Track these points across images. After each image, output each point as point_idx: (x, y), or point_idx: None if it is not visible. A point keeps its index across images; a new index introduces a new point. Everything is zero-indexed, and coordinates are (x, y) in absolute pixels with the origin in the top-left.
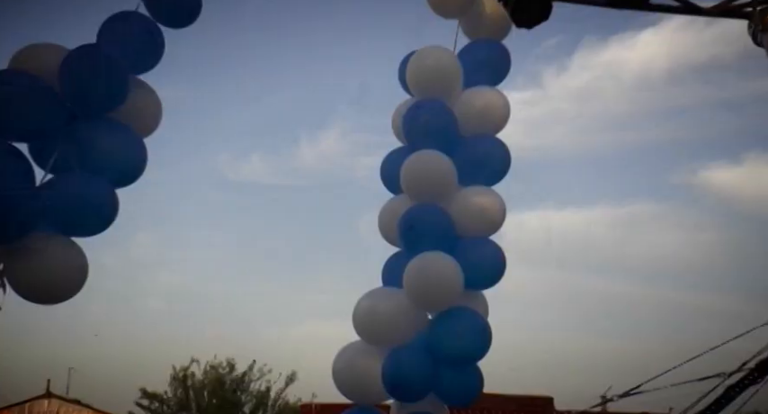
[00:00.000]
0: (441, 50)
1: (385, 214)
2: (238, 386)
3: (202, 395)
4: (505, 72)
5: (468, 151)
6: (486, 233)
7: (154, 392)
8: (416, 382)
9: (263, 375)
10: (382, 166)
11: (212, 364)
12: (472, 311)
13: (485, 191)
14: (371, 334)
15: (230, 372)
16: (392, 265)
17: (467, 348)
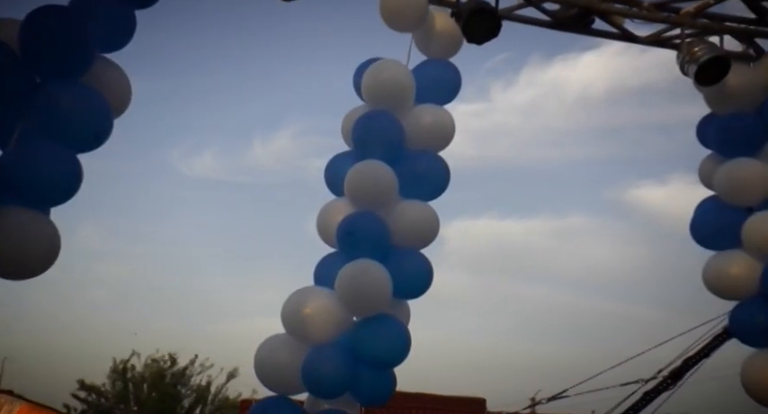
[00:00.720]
0: (397, 65)
1: (324, 215)
2: (179, 380)
3: (142, 388)
4: (456, 92)
5: (412, 165)
6: (419, 246)
7: (92, 384)
8: (335, 380)
9: (204, 370)
10: (327, 168)
11: (154, 358)
12: (396, 320)
13: (422, 206)
14: (297, 330)
15: (172, 366)
16: (325, 266)
17: (387, 355)
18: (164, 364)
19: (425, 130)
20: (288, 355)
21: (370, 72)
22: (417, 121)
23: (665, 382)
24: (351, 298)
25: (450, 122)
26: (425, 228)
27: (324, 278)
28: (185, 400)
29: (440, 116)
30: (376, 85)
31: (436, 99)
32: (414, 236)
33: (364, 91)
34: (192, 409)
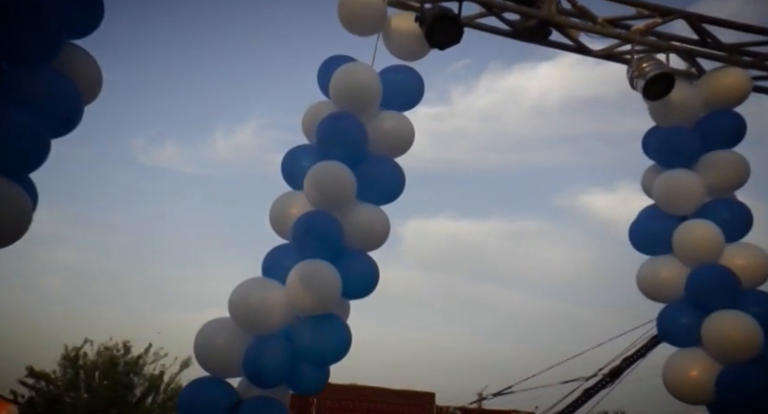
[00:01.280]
0: (367, 70)
1: (278, 206)
2: (132, 369)
3: (93, 376)
4: (418, 99)
5: (371, 170)
6: (369, 248)
7: (41, 371)
8: (275, 371)
9: (157, 359)
10: (284, 159)
11: (107, 346)
12: (340, 320)
13: (377, 210)
14: (243, 318)
15: (125, 354)
16: (275, 257)
17: (327, 354)
18: (117, 352)
19: (386, 136)
20: (228, 340)
21: (340, 73)
22: (380, 127)
23: (605, 380)
24: (301, 296)
25: (411, 130)
26: (377, 232)
27: (273, 269)
28: (137, 389)
29: (401, 123)
30: (345, 88)
31: (399, 105)
32: (365, 239)
33: (332, 91)
34: (143, 398)
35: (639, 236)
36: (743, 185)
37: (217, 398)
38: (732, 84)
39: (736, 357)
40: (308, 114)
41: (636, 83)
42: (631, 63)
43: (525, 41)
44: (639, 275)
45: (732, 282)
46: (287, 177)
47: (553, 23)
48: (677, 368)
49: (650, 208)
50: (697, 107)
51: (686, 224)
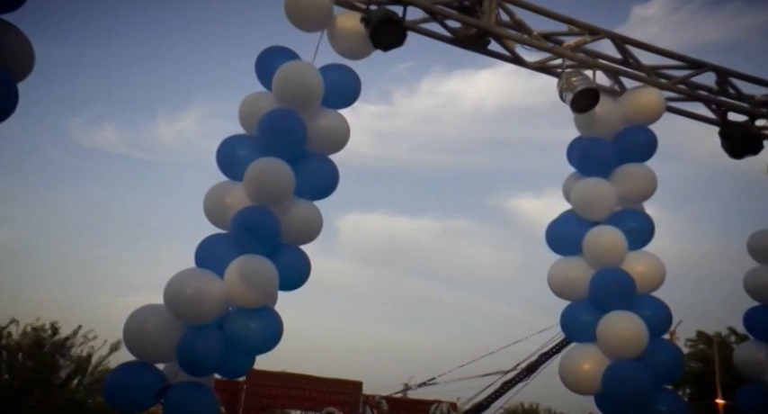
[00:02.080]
0: (311, 69)
1: (214, 196)
2: (58, 350)
3: (16, 357)
4: (354, 99)
5: (308, 167)
6: (303, 243)
7: None
8: (210, 362)
9: (87, 341)
10: (220, 149)
11: (33, 327)
12: (274, 313)
13: (312, 206)
14: (178, 309)
15: (53, 335)
16: (209, 247)
17: (261, 344)
18: (44, 333)
19: (324, 134)
20: (160, 327)
21: (285, 71)
22: (319, 125)
23: (522, 373)
24: (242, 291)
25: (347, 129)
26: (312, 227)
27: (207, 259)
28: (63, 371)
29: (339, 122)
30: (289, 86)
31: (336, 103)
32: (300, 234)
33: (276, 88)
34: (69, 380)
35: (554, 237)
36: (650, 197)
37: (144, 382)
38: (648, 103)
39: (623, 354)
40: (245, 104)
41: (565, 95)
42: (561, 77)
43: (465, 49)
44: (550, 274)
45: (628, 286)
46: (222, 166)
47: (492, 34)
48: (571, 361)
49: (568, 212)
50: (617, 122)
51: (595, 229)
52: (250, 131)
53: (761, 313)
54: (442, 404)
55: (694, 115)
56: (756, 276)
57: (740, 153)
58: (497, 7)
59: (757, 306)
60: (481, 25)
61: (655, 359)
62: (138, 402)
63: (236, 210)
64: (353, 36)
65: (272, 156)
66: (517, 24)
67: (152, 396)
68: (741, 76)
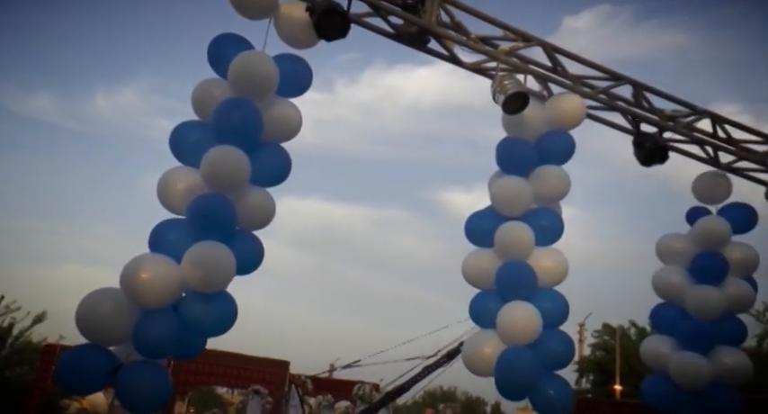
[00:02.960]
0: (266, 59)
1: (168, 181)
2: None
3: None
4: (306, 88)
5: (263, 155)
6: (256, 229)
7: None
8: (167, 346)
9: (9, 312)
10: (173, 134)
11: None
12: (230, 296)
13: (266, 193)
14: (134, 293)
15: None
16: (164, 232)
17: (218, 327)
18: None
19: (278, 123)
20: (114, 311)
21: (241, 61)
22: (273, 114)
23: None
24: (200, 277)
25: (300, 118)
26: (265, 214)
27: (161, 244)
28: None
29: (292, 111)
30: (246, 75)
31: (288, 93)
32: (254, 220)
33: (233, 77)
34: None
35: (471, 229)
36: (564, 197)
37: (96, 364)
38: (571, 109)
39: (517, 341)
40: (199, 91)
41: (497, 97)
42: (495, 79)
43: (406, 45)
44: (464, 264)
45: (529, 279)
46: (175, 151)
47: (432, 33)
48: (474, 345)
49: (488, 207)
50: (541, 125)
51: (505, 225)
52: (203, 118)
53: (665, 310)
54: (365, 385)
55: (612, 124)
56: (663, 276)
57: (649, 161)
58: (439, 8)
59: (662, 303)
60: (422, 24)
61: (548, 347)
62: (91, 384)
63: (190, 196)
64: (299, 25)
65: (229, 144)
66: (456, 26)
67: (104, 377)
68: (654, 90)
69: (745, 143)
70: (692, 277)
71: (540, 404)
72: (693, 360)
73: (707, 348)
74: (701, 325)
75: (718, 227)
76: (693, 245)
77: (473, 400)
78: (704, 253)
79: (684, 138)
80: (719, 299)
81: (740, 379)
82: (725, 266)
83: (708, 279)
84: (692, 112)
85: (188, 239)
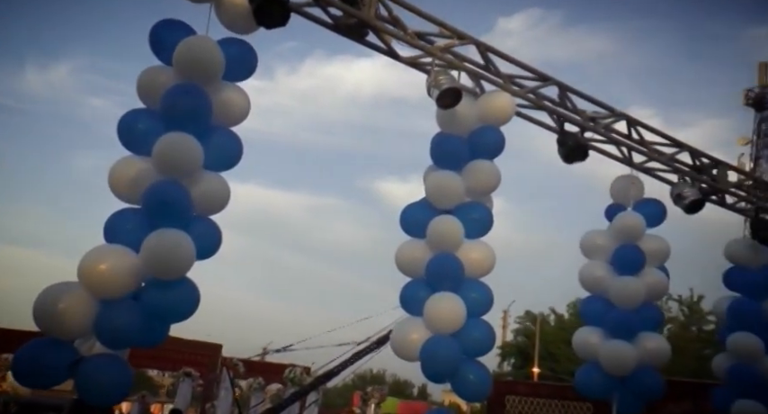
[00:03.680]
0: (212, 44)
1: (120, 170)
2: None
3: None
4: (251, 72)
5: (213, 139)
6: (212, 213)
7: None
8: (132, 336)
9: None
10: (121, 123)
11: None
12: (191, 282)
13: (220, 178)
14: (93, 285)
15: None
16: (121, 222)
17: (182, 313)
18: None
19: (226, 107)
20: (73, 304)
21: (186, 46)
22: (221, 98)
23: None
24: (160, 264)
25: (248, 102)
26: (221, 198)
27: (118, 234)
28: None
29: (240, 95)
30: (191, 60)
31: (233, 77)
32: (210, 205)
33: (177, 62)
34: None
35: (406, 220)
36: (494, 191)
37: (57, 358)
38: (501, 106)
39: (441, 330)
40: (144, 79)
41: (432, 92)
42: (430, 74)
43: (344, 36)
44: (397, 253)
45: (457, 271)
46: (124, 140)
47: (370, 26)
48: (402, 331)
49: (423, 199)
50: (473, 121)
51: (437, 218)
52: (150, 105)
53: (592, 303)
54: (296, 368)
55: (539, 122)
56: (588, 271)
57: (571, 159)
58: (378, 2)
59: (590, 296)
60: (361, 16)
61: (471, 335)
62: (50, 378)
63: (143, 184)
64: (239, 11)
65: (179, 130)
66: (394, 20)
67: (64, 371)
68: (577, 92)
69: (655, 145)
70: (614, 269)
71: (460, 388)
72: (620, 347)
73: (631, 335)
74: (624, 314)
75: (634, 222)
76: (613, 239)
77: (401, 382)
78: (623, 246)
79: (603, 138)
80: (639, 288)
81: (661, 361)
82: (642, 258)
83: (628, 270)
84: (611, 114)
85: (145, 228)
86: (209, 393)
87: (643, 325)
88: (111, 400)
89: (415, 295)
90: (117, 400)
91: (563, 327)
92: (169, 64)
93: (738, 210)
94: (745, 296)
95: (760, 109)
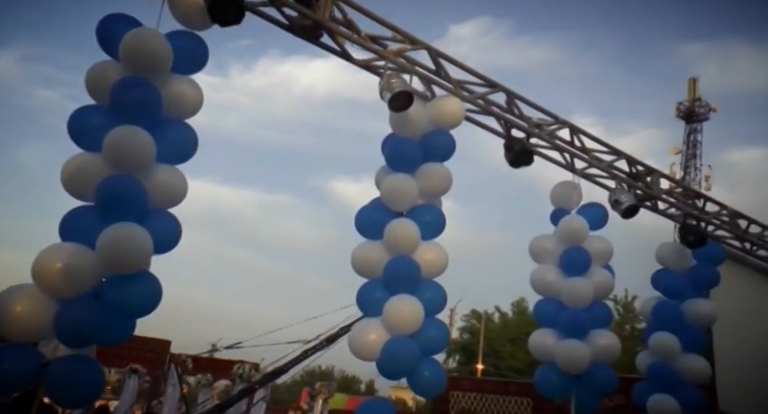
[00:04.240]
0: (157, 35)
1: (73, 168)
2: None
3: None
4: (202, 65)
5: (166, 132)
6: (170, 206)
7: None
8: (92, 333)
9: None
10: (72, 120)
11: None
12: (151, 274)
13: (175, 170)
14: (50, 284)
15: None
16: (75, 220)
17: (144, 307)
18: None
19: (178, 99)
20: (31, 306)
21: (131, 38)
22: (171, 90)
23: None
24: (116, 259)
25: (200, 94)
26: (177, 191)
27: (73, 232)
28: None
29: (191, 87)
30: (137, 52)
31: (184, 70)
32: (166, 198)
33: (124, 55)
34: None
35: (361, 222)
36: (446, 193)
37: (22, 363)
38: (451, 111)
39: (401, 332)
40: (92, 74)
41: (384, 94)
42: (383, 77)
43: (299, 37)
44: (354, 254)
45: (415, 274)
46: (75, 138)
47: (324, 27)
48: (360, 332)
49: (376, 200)
50: (424, 124)
51: (395, 221)
52: (100, 101)
53: (544, 305)
54: (245, 364)
55: (487, 127)
56: (538, 275)
57: (517, 163)
58: (332, 4)
59: (542, 299)
60: (315, 18)
61: (427, 334)
62: (16, 383)
63: (97, 181)
64: (192, 7)
65: (129, 124)
66: (348, 23)
67: (29, 375)
68: (524, 100)
69: (595, 152)
70: (563, 272)
71: (416, 385)
72: (575, 346)
73: (583, 334)
74: (576, 313)
75: (577, 225)
76: (559, 243)
77: (349, 378)
78: (569, 249)
79: (547, 144)
80: (588, 287)
81: (612, 357)
82: (588, 259)
83: (575, 271)
84: (555, 121)
85: (100, 224)
86: (156, 390)
87: (594, 323)
88: (83, 402)
89: (372, 296)
90: (90, 400)
91: (507, 325)
92: (118, 59)
93: (669, 215)
94: (667, 297)
95: (689, 121)
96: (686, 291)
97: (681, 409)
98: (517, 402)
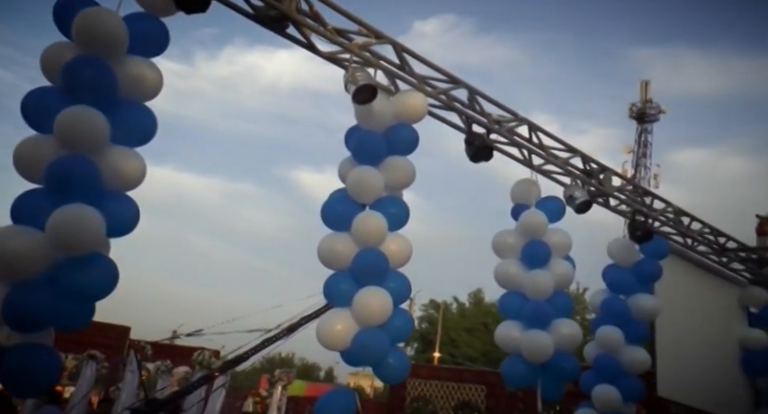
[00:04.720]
0: (112, 15)
1: (25, 150)
2: None
3: None
4: (162, 49)
5: (123, 114)
6: (128, 189)
7: None
8: (41, 317)
9: None
10: (25, 102)
11: None
12: (106, 257)
13: (132, 152)
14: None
15: None
16: (27, 202)
17: (98, 289)
18: None
19: (136, 81)
20: None
21: (84, 17)
22: (129, 72)
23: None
24: (66, 239)
25: (160, 77)
26: (134, 173)
27: (24, 215)
28: None
29: (150, 70)
30: (89, 31)
31: (144, 52)
32: (123, 180)
33: (76, 35)
34: None
35: (328, 214)
36: (409, 186)
37: None
38: (414, 105)
39: (370, 323)
40: (48, 55)
41: (348, 87)
42: (348, 70)
43: (264, 27)
44: (320, 246)
45: (383, 266)
46: (29, 119)
47: (291, 19)
48: (329, 322)
49: (341, 192)
50: (388, 118)
51: (364, 213)
52: (55, 82)
53: (509, 299)
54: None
55: (449, 122)
56: (501, 269)
57: (477, 158)
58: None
59: (507, 292)
60: (281, 9)
61: (393, 323)
62: None
63: (48, 162)
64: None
65: (81, 103)
66: (315, 15)
67: None
68: (485, 96)
69: (552, 149)
70: (525, 265)
71: (382, 373)
72: (538, 336)
73: (546, 323)
74: (538, 304)
75: (537, 219)
76: (520, 237)
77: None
78: (530, 242)
79: (507, 140)
80: (549, 279)
81: (575, 345)
82: (548, 251)
83: (537, 264)
84: (515, 118)
85: (51, 206)
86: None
87: (556, 313)
88: (39, 390)
89: (339, 288)
90: (46, 388)
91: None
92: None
93: (619, 212)
94: (614, 292)
95: (641, 122)
96: (633, 286)
97: (621, 398)
98: (472, 389)
